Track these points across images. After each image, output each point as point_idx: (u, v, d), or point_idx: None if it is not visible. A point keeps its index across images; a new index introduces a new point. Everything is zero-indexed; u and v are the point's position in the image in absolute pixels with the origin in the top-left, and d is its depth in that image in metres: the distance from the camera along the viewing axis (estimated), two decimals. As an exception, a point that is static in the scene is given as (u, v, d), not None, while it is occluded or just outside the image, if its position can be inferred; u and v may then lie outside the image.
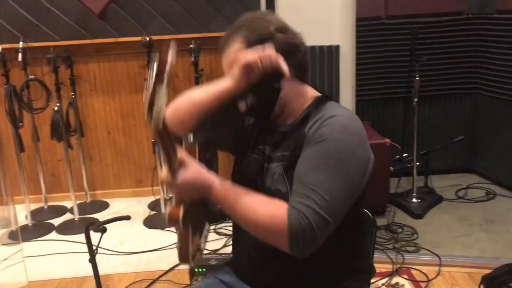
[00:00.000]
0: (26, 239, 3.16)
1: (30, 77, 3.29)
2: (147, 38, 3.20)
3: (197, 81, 3.32)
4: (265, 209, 1.14)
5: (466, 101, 3.82)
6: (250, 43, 1.23)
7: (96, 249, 1.70)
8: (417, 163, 3.35)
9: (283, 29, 1.26)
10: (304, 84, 1.32)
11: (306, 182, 1.14)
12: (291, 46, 1.25)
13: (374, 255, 2.64)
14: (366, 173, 1.20)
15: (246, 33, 1.24)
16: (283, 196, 1.19)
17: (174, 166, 1.11)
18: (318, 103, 1.28)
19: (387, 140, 3.12)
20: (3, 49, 3.17)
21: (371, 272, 1.42)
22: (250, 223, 1.16)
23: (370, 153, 1.23)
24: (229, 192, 1.18)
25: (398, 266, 2.61)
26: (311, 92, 1.33)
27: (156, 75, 0.97)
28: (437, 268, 2.58)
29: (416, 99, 3.24)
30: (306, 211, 1.10)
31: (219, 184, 1.17)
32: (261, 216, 1.13)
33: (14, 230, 3.24)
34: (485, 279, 1.75)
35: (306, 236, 1.09)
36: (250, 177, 1.32)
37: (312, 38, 2.46)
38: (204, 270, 2.42)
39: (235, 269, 1.42)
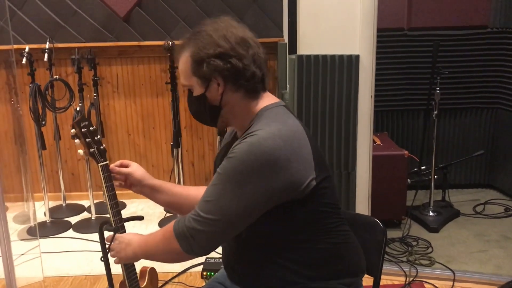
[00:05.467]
0: (44, 235, 3.23)
1: (55, 77, 3.37)
2: (170, 43, 3.25)
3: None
4: (158, 233, 1.40)
5: (487, 115, 3.77)
6: (195, 61, 1.30)
7: (109, 248, 1.72)
8: (435, 177, 3.31)
9: (231, 49, 1.27)
10: (255, 99, 1.33)
11: (204, 194, 1.28)
12: (232, 71, 1.28)
13: (387, 267, 2.65)
14: (271, 192, 1.21)
15: (194, 49, 1.30)
16: None
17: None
18: (257, 116, 1.31)
19: (405, 152, 3.10)
20: (30, 49, 3.25)
21: (356, 275, 1.40)
22: (157, 252, 1.40)
23: (288, 176, 1.21)
24: (139, 247, 1.46)
25: (411, 279, 2.58)
26: (261, 104, 1.33)
27: None
28: (451, 283, 2.54)
29: (436, 112, 3.22)
30: (188, 215, 1.28)
31: (138, 240, 1.47)
32: (158, 240, 1.38)
33: (33, 226, 3.31)
34: (496, 296, 1.73)
35: (192, 234, 1.26)
36: None
37: (332, 47, 2.48)
38: (213, 274, 2.43)
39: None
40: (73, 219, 3.53)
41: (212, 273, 2.58)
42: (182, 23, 3.61)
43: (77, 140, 1.59)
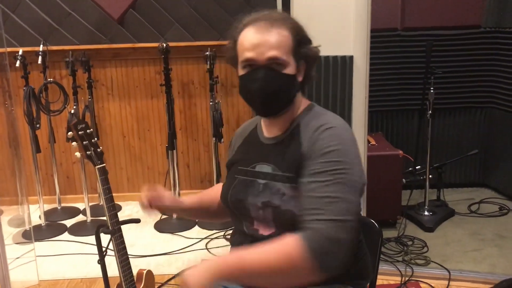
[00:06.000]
0: (39, 238, 3.21)
1: (49, 79, 3.36)
2: (164, 45, 3.25)
3: (212, 88, 3.35)
4: (275, 253, 1.12)
5: (481, 115, 3.79)
6: (296, 40, 1.28)
7: (105, 251, 1.72)
8: (430, 176, 3.33)
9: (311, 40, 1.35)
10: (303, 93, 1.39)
11: (317, 195, 1.17)
12: (313, 61, 1.34)
13: (383, 267, 2.66)
14: (364, 176, 1.26)
15: (293, 29, 1.29)
16: (295, 218, 1.22)
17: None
18: (308, 113, 1.35)
19: (400, 152, 3.11)
20: (23, 51, 3.24)
21: (368, 277, 1.42)
22: (271, 277, 1.14)
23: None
24: (231, 261, 1.17)
25: (407, 278, 2.59)
26: (304, 99, 1.38)
27: None
28: (446, 282, 2.55)
29: (430, 112, 3.23)
30: (318, 225, 1.13)
31: (218, 259, 1.17)
32: (275, 266, 1.12)
33: (28, 229, 3.29)
34: (488, 293, 1.75)
35: (330, 248, 1.10)
36: (238, 199, 1.36)
37: (326, 48, 2.47)
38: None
39: None
40: (69, 222, 3.52)
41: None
42: (176, 25, 3.61)
43: (74, 143, 1.59)
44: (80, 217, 3.62)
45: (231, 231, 3.11)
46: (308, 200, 1.19)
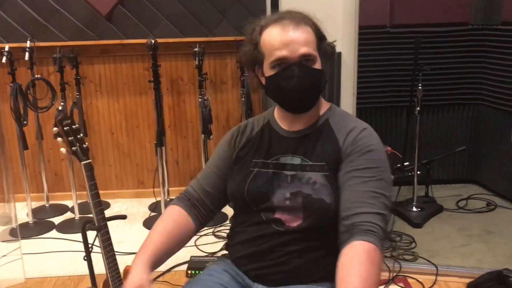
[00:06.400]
0: (27, 236, 3.19)
1: (36, 76, 3.33)
2: (153, 41, 3.23)
3: (201, 85, 3.34)
4: (371, 272, 1.15)
5: (469, 111, 3.82)
6: (318, 37, 1.36)
7: (91, 247, 1.72)
8: (418, 172, 3.35)
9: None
10: None
11: (363, 189, 1.25)
12: (333, 52, 1.41)
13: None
14: None
15: (314, 27, 1.36)
16: (327, 206, 1.28)
17: None
18: (334, 111, 1.43)
19: (389, 148, 3.11)
20: (10, 48, 3.20)
21: None
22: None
23: None
24: None
25: (395, 274, 2.61)
26: (322, 98, 1.44)
27: None
28: (433, 277, 2.57)
29: (418, 108, 3.25)
30: (376, 219, 1.22)
31: None
32: (374, 276, 1.16)
33: (15, 227, 3.27)
34: (471, 286, 1.77)
35: (383, 238, 1.23)
36: (260, 192, 1.36)
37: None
38: (198, 272, 2.43)
39: (238, 264, 1.41)
40: (57, 220, 3.50)
41: (197, 272, 2.57)
42: (165, 21, 3.60)
43: (59, 139, 1.57)
44: (68, 215, 3.59)
45: (220, 228, 3.13)
46: (354, 193, 1.26)
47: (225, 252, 1.52)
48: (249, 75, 1.44)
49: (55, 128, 1.57)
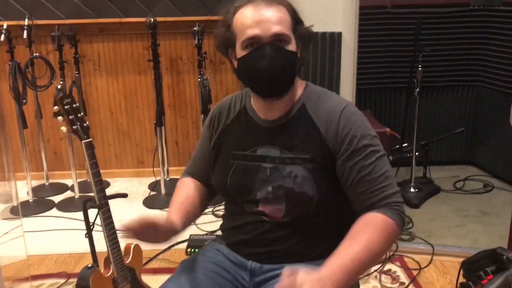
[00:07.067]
0: (27, 214, 3.22)
1: (35, 54, 3.31)
2: (152, 20, 3.21)
3: (200, 64, 3.33)
4: (377, 243, 1.16)
5: (469, 93, 3.82)
6: (293, 18, 1.30)
7: (93, 224, 1.74)
8: (416, 154, 3.36)
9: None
10: None
11: (376, 172, 1.24)
12: (308, 41, 1.34)
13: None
14: None
15: (290, 7, 1.30)
16: (310, 199, 1.26)
17: None
18: (309, 93, 1.36)
19: (387, 129, 3.12)
20: (8, 25, 3.18)
21: None
22: (380, 257, 1.22)
23: None
24: (341, 276, 1.10)
25: (392, 253, 2.64)
26: (299, 81, 1.37)
27: None
28: (429, 257, 2.61)
29: (418, 90, 3.25)
30: (395, 199, 1.23)
31: (327, 281, 1.07)
32: (381, 247, 1.18)
33: (15, 205, 3.29)
34: (464, 263, 1.81)
35: (404, 214, 1.25)
36: (242, 185, 1.34)
37: (314, 24, 2.48)
38: (197, 250, 2.46)
39: (231, 244, 1.42)
40: (57, 198, 3.52)
41: (196, 249, 2.61)
42: (165, 0, 3.56)
43: (60, 117, 1.58)
44: (68, 193, 3.61)
45: (219, 207, 3.15)
46: (368, 183, 1.24)
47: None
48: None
49: (56, 107, 1.58)
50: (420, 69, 3.21)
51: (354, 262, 1.12)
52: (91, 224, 1.73)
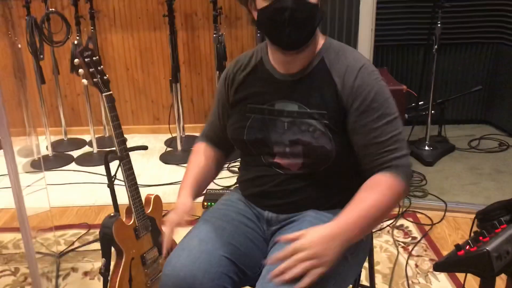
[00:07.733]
0: (47, 168, 3.30)
1: (50, 9, 3.30)
2: (167, -26, 3.17)
3: (215, 20, 3.30)
4: (387, 201, 1.21)
5: (488, 50, 3.75)
6: None
7: (115, 176, 1.78)
8: (432, 112, 3.34)
9: None
10: None
11: (385, 135, 1.25)
12: None
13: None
14: None
15: None
16: (328, 153, 1.28)
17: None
18: (329, 47, 1.33)
19: (404, 86, 3.10)
20: (23, -20, 3.17)
21: None
22: (386, 215, 1.25)
23: None
24: (353, 226, 1.17)
25: (405, 209, 2.68)
26: (320, 35, 1.35)
27: None
28: (442, 213, 2.64)
29: (436, 47, 3.20)
30: (403, 161, 1.25)
31: (340, 229, 1.16)
32: (389, 203, 1.22)
33: (36, 159, 3.37)
34: (479, 214, 1.83)
35: (411, 173, 1.28)
36: (259, 138, 1.35)
37: (333, -22, 2.43)
38: (213, 204, 2.51)
39: (248, 196, 1.45)
40: (75, 153, 3.60)
41: (213, 203, 2.66)
42: (179, -47, 3.51)
43: (80, 70, 1.60)
44: (86, 149, 3.69)
45: (234, 163, 3.20)
46: (376, 145, 1.25)
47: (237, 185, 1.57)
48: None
49: (76, 60, 1.60)
50: (439, 25, 3.15)
51: (360, 219, 1.18)
52: (112, 176, 1.77)
